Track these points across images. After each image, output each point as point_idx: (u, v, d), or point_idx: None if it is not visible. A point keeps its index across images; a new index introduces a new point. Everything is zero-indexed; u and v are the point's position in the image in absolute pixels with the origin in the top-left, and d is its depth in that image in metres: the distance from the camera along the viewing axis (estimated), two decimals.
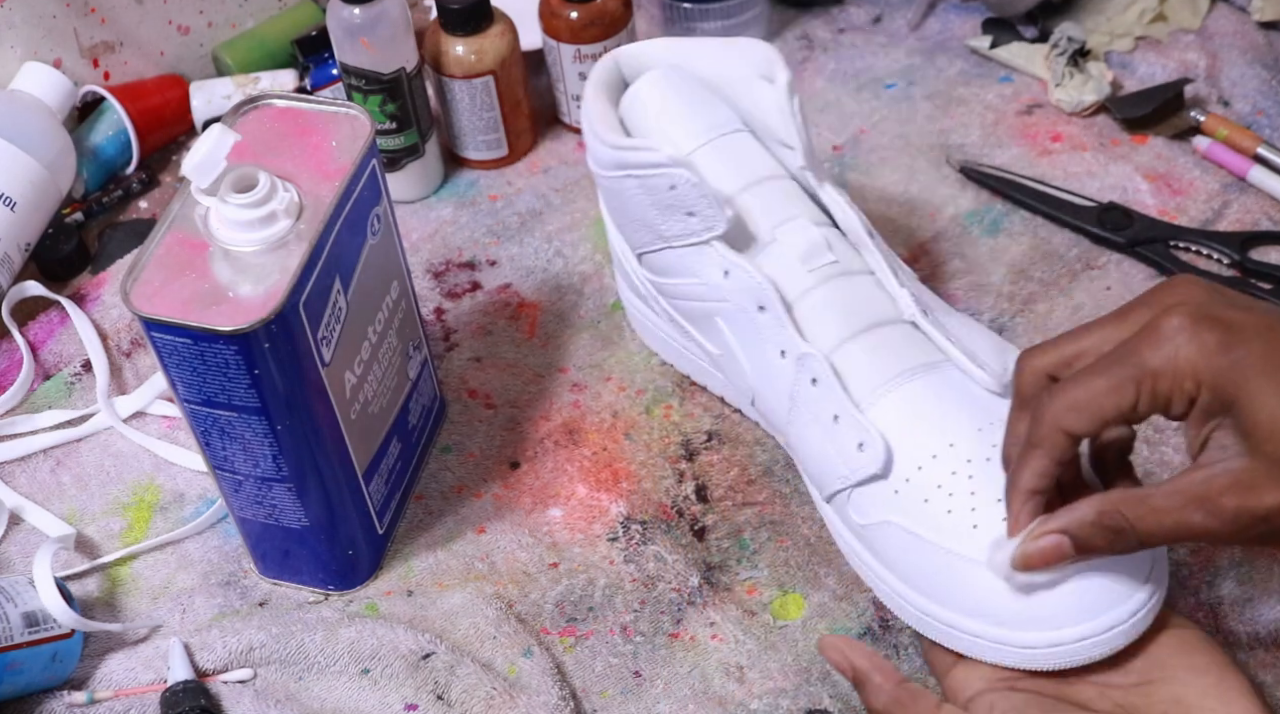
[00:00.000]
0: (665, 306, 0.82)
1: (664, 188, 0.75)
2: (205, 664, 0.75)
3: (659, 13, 1.05)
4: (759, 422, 0.81)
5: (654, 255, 0.80)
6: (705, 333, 0.79)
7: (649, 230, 0.78)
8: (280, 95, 0.75)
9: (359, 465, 0.76)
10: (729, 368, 0.79)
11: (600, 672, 0.76)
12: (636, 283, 0.84)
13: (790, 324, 0.73)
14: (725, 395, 0.84)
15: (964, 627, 0.67)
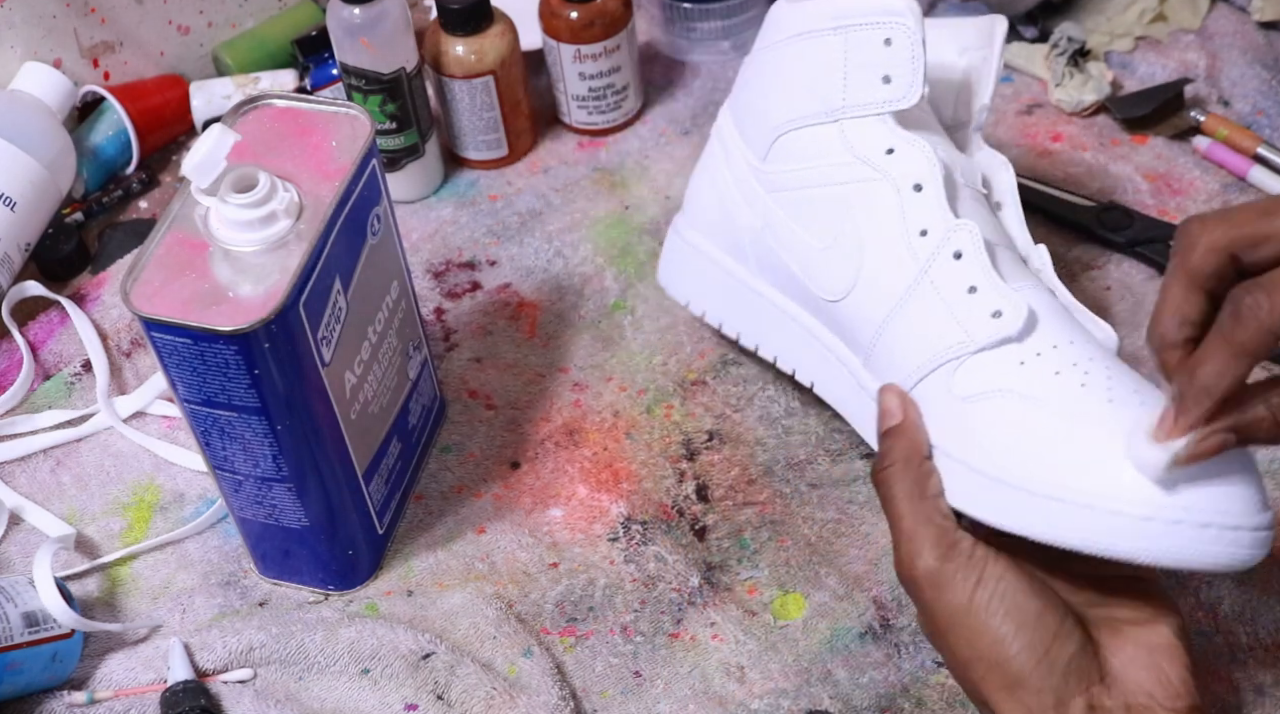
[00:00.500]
0: (766, 205, 0.77)
1: (876, 42, 0.72)
2: (205, 664, 0.75)
3: (659, 13, 1.05)
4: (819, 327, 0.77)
5: (798, 134, 0.76)
6: (813, 222, 0.75)
7: (817, 99, 0.74)
8: (280, 95, 0.75)
9: (359, 465, 0.76)
10: (822, 264, 0.75)
11: (600, 672, 0.76)
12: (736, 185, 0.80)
13: (947, 202, 0.71)
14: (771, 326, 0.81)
15: (1074, 493, 0.63)
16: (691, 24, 1.04)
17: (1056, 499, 0.63)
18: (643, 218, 0.97)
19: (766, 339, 0.81)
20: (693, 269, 0.84)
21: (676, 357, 0.89)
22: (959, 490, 0.67)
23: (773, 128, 0.77)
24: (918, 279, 0.70)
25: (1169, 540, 0.61)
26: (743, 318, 0.82)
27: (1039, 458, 0.64)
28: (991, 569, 0.64)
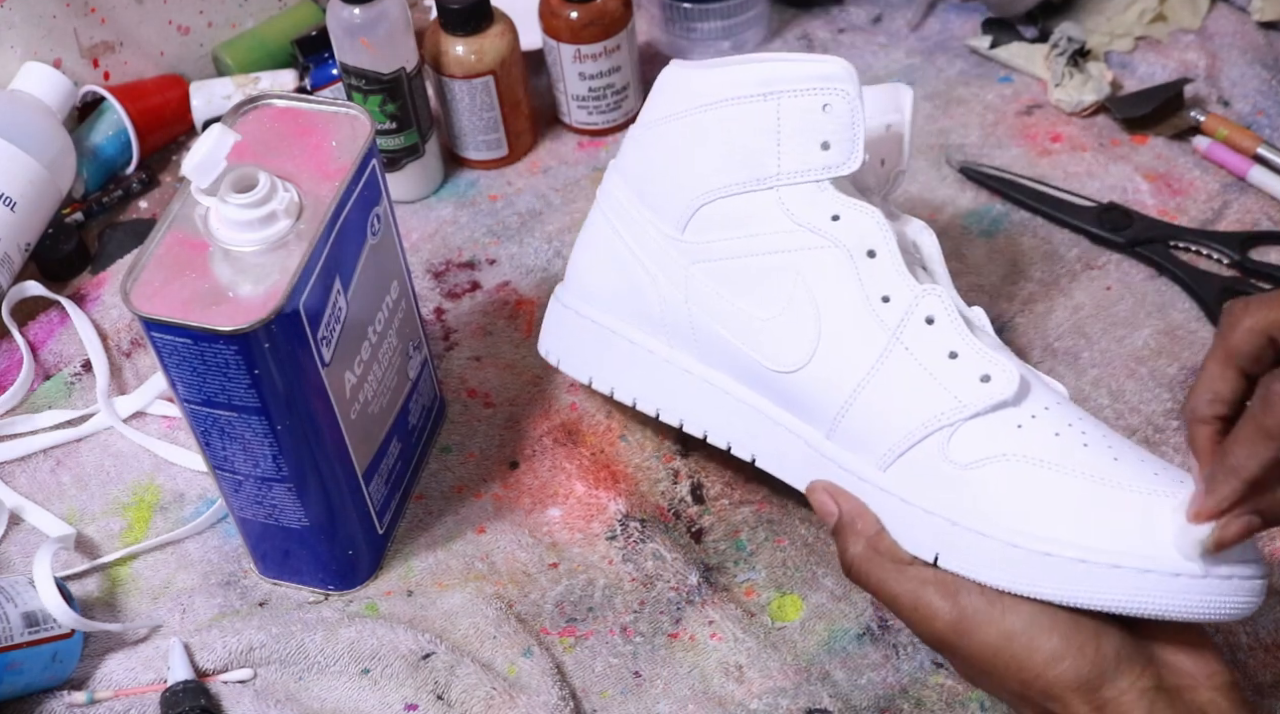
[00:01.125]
0: (688, 277, 0.74)
1: (813, 109, 0.70)
2: (205, 664, 0.75)
3: (659, 13, 1.05)
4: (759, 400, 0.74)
5: (726, 203, 0.73)
6: (755, 292, 0.73)
7: (747, 167, 0.72)
8: (280, 95, 0.75)
9: (359, 465, 0.76)
10: (769, 335, 0.72)
11: (600, 672, 0.76)
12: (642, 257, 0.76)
13: (904, 267, 0.70)
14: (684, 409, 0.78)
15: (1100, 554, 0.63)
16: (691, 24, 1.04)
17: (1081, 561, 0.63)
18: None
19: (692, 414, 0.77)
20: (590, 342, 0.80)
21: None
22: (971, 559, 0.66)
23: (694, 197, 0.74)
24: (889, 346, 0.69)
25: (1197, 595, 0.62)
26: (660, 393, 0.78)
27: (1059, 520, 0.64)
28: (1005, 599, 0.64)
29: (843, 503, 0.69)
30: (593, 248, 0.79)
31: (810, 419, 0.72)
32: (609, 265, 0.78)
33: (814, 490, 0.71)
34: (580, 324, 0.80)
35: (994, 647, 0.63)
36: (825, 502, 0.70)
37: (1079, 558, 0.63)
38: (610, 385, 0.79)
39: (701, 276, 0.74)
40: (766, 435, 0.74)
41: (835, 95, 0.70)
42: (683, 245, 0.75)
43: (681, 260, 0.75)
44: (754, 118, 0.72)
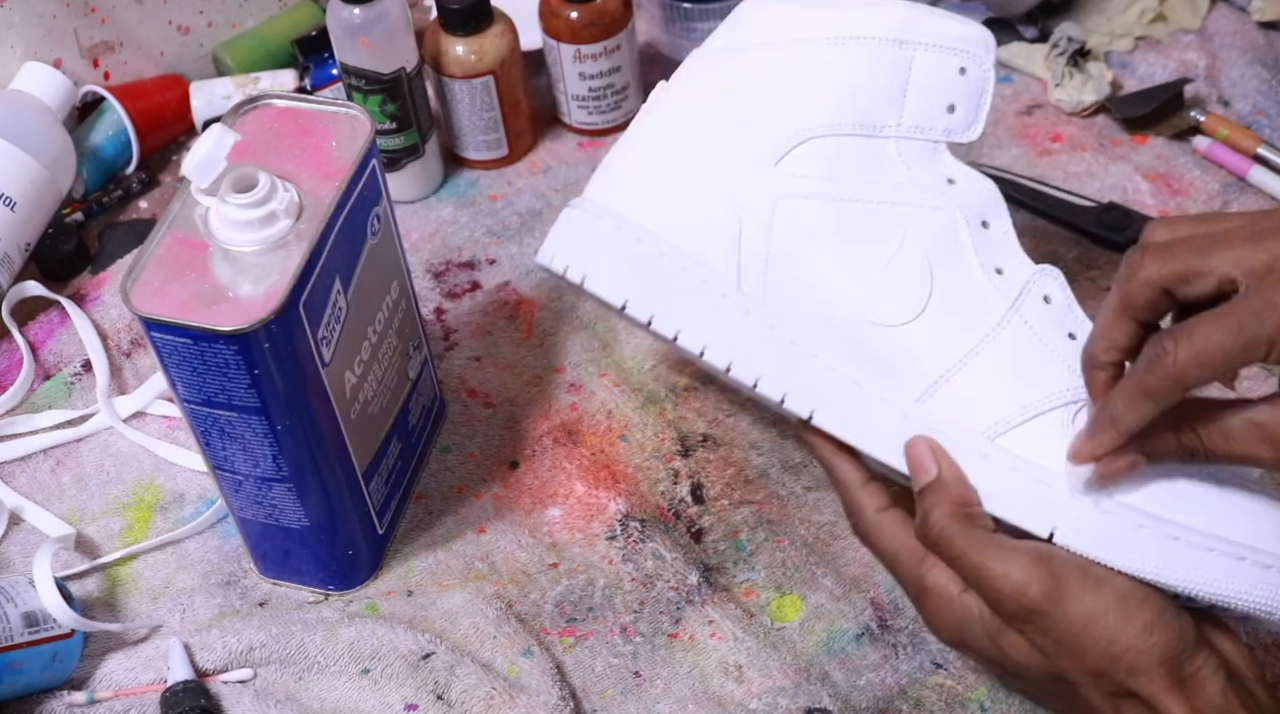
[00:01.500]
0: (774, 213, 0.69)
1: (950, 68, 0.68)
2: (205, 664, 0.75)
3: (659, 13, 1.05)
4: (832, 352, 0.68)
5: (833, 143, 0.69)
6: (860, 238, 0.68)
7: (860, 110, 0.68)
8: (280, 95, 0.75)
9: (359, 465, 0.76)
10: (876, 284, 0.68)
11: (600, 672, 0.76)
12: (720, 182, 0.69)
13: (1018, 242, 0.67)
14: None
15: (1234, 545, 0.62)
16: (691, 24, 1.04)
17: (1205, 549, 0.62)
18: None
19: (746, 357, 0.69)
20: (628, 257, 0.70)
21: (668, 362, 0.89)
22: (1092, 537, 0.63)
23: (797, 130, 0.69)
24: (1006, 317, 0.67)
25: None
26: (711, 329, 0.70)
27: (1193, 507, 0.63)
28: (1097, 569, 0.63)
29: (944, 465, 0.65)
30: (648, 167, 0.71)
31: (901, 379, 0.67)
32: (671, 186, 0.71)
33: (916, 445, 0.66)
34: (618, 237, 0.70)
35: (1089, 616, 0.61)
36: (924, 458, 0.66)
37: (1207, 546, 0.62)
38: (650, 311, 0.70)
39: (793, 212, 0.69)
40: (836, 393, 0.68)
41: (973, 60, 0.68)
42: (775, 178, 0.69)
43: (770, 192, 0.69)
44: (884, 62, 0.68)
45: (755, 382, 0.69)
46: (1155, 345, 0.59)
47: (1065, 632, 0.62)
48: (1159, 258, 0.60)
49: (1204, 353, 0.58)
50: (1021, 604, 0.62)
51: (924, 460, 0.66)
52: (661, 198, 0.70)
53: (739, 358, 0.69)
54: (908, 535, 0.66)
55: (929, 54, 0.68)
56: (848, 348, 0.68)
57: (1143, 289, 0.60)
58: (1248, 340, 0.57)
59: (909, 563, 0.66)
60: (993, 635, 0.64)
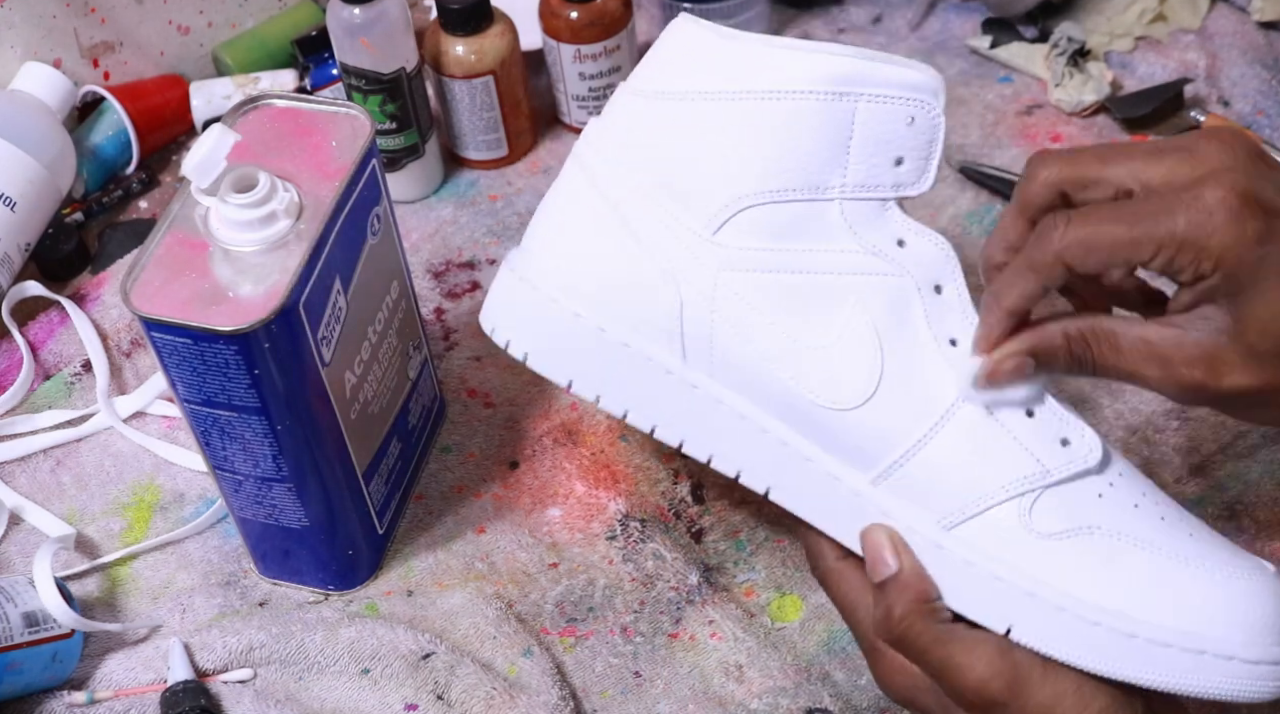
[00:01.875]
0: (716, 285, 0.65)
1: (898, 119, 0.63)
2: (205, 664, 0.75)
3: (659, 13, 1.05)
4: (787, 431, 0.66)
5: (775, 209, 0.64)
6: (802, 314, 0.64)
7: (804, 172, 0.63)
8: (280, 95, 0.75)
9: (359, 465, 0.76)
10: (820, 365, 0.64)
11: (600, 672, 0.76)
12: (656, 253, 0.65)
13: (973, 307, 0.63)
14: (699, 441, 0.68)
15: (1186, 638, 0.61)
16: None
17: (1163, 644, 0.61)
18: None
19: (697, 435, 0.67)
20: (568, 335, 0.67)
21: None
22: (1048, 633, 0.61)
23: (735, 197, 0.64)
24: (964, 396, 0.63)
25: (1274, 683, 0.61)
26: (660, 407, 0.67)
27: (1149, 602, 0.61)
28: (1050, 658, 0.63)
29: (905, 559, 0.63)
30: (581, 231, 0.67)
31: (853, 461, 0.64)
32: (606, 256, 0.66)
33: (874, 535, 0.63)
34: (555, 311, 0.67)
35: (1047, 705, 0.61)
36: (884, 550, 0.63)
37: (1162, 640, 0.60)
38: (596, 391, 0.67)
39: (734, 286, 0.64)
40: (789, 468, 0.66)
41: (920, 109, 0.63)
42: (713, 249, 0.64)
43: (710, 264, 0.64)
44: (824, 118, 0.63)
45: (709, 458, 0.67)
46: (1046, 222, 0.60)
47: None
48: (1059, 162, 0.61)
49: (1092, 236, 0.58)
50: (984, 697, 0.62)
51: (883, 553, 0.63)
52: (598, 269, 0.66)
53: (689, 435, 0.67)
54: (863, 591, 0.65)
55: (872, 105, 0.63)
56: (797, 424, 0.65)
57: (1041, 190, 0.61)
58: (1136, 236, 0.57)
59: (863, 621, 0.65)
60: (947, 710, 0.64)
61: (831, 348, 0.64)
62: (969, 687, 0.62)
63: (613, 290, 0.66)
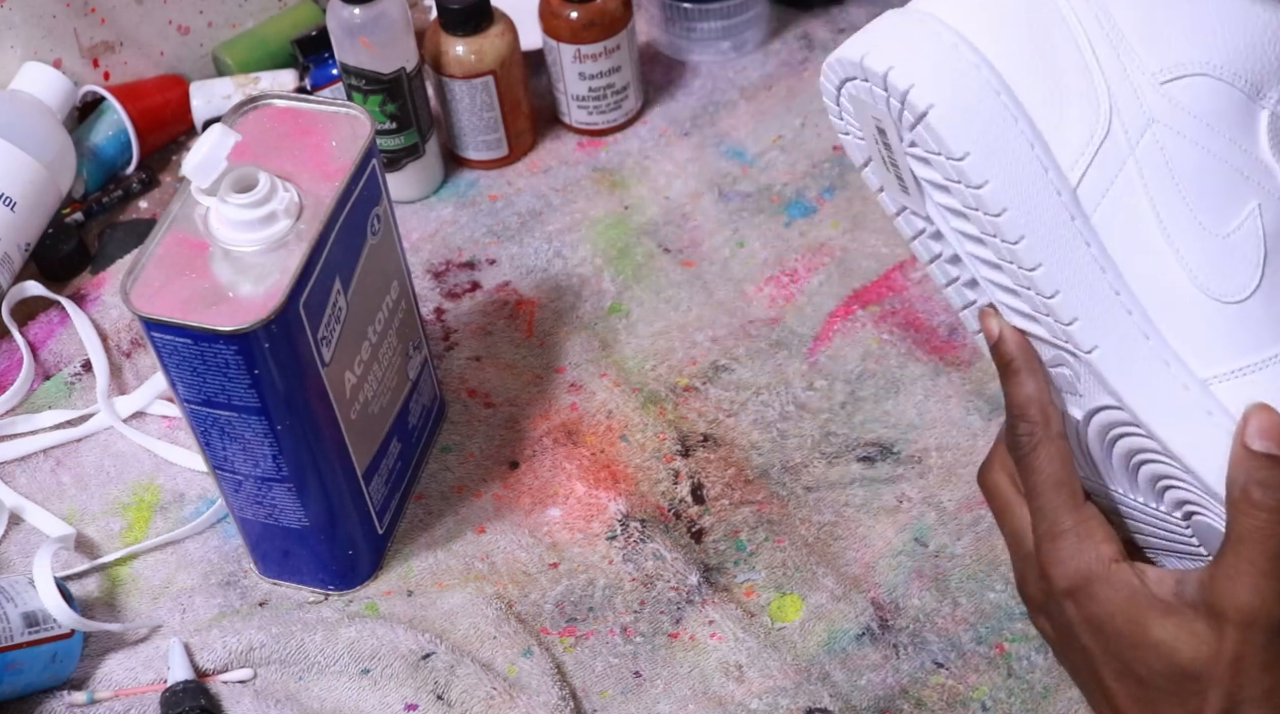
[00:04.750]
0: (1143, 129, 0.63)
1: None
2: (205, 664, 0.76)
3: (659, 13, 1.05)
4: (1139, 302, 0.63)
5: (1221, 88, 0.63)
6: (1203, 195, 0.63)
7: (1255, 66, 0.63)
8: (280, 95, 0.75)
9: (359, 465, 0.76)
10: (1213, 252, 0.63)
11: (600, 672, 0.76)
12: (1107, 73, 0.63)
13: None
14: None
15: None
16: (691, 24, 1.04)
17: None
18: (642, 218, 0.97)
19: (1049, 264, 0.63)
20: (981, 110, 0.62)
21: (668, 362, 0.89)
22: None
23: (1196, 60, 0.62)
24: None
25: None
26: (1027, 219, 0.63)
27: None
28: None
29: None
30: (1030, 19, 0.63)
31: (1195, 351, 0.62)
32: (1054, 52, 0.63)
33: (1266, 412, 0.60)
34: (976, 78, 0.62)
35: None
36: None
37: None
38: (985, 177, 0.63)
39: (1162, 142, 0.63)
40: (1125, 337, 0.63)
41: None
42: (1159, 99, 0.63)
43: (1150, 109, 0.63)
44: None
45: (1054, 292, 0.63)
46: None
47: (1261, 657, 0.59)
48: None
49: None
50: (1265, 614, 0.59)
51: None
52: (1038, 58, 0.63)
53: (1050, 264, 0.63)
54: (1072, 474, 0.64)
55: None
56: (1156, 298, 0.63)
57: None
58: None
59: (1067, 501, 0.63)
60: (1139, 611, 0.61)
61: (1229, 238, 0.62)
62: (1264, 591, 0.59)
63: (1041, 86, 0.62)
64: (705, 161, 1.00)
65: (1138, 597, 0.61)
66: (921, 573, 0.79)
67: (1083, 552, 0.62)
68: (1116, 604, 0.62)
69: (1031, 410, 0.64)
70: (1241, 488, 0.60)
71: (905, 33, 0.62)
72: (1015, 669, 0.75)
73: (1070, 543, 0.63)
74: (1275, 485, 0.59)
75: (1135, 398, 0.63)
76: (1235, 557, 0.60)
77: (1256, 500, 0.59)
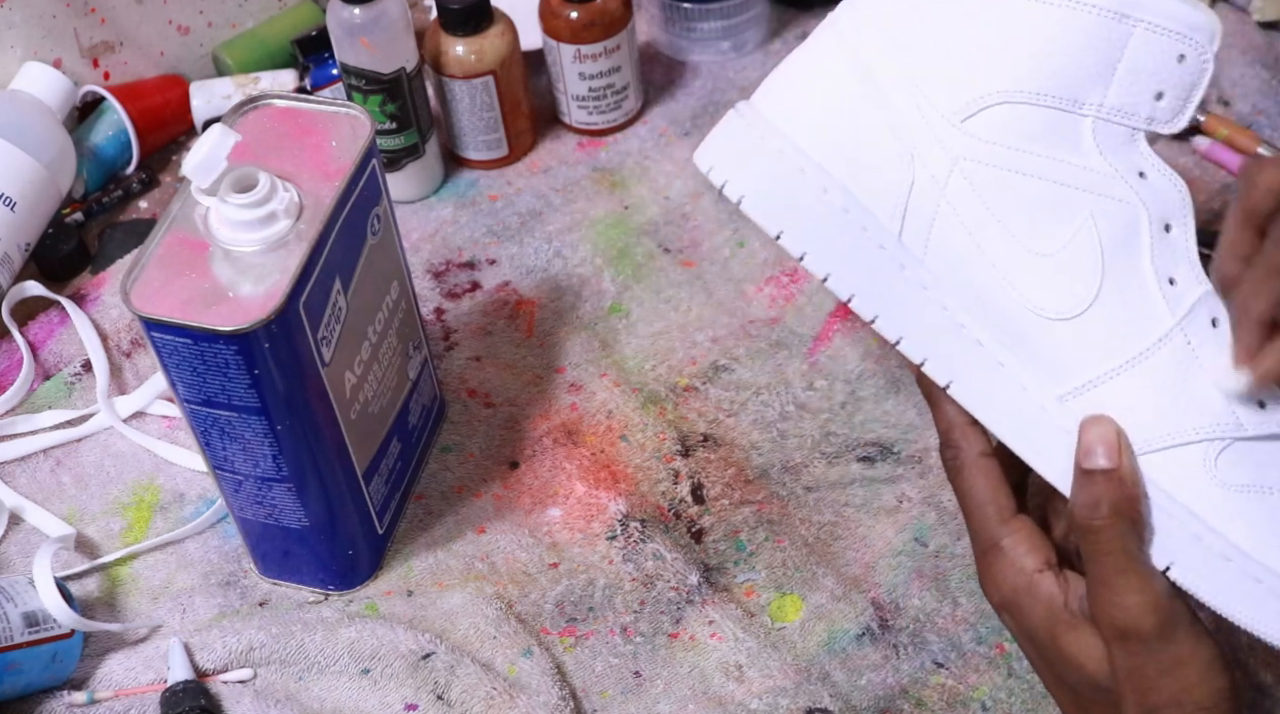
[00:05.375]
0: (953, 173, 0.64)
1: (1168, 54, 0.63)
2: (205, 664, 0.75)
3: (659, 13, 1.05)
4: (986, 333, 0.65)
5: (1025, 110, 0.64)
6: (1031, 219, 0.64)
7: (1064, 83, 0.63)
8: (280, 95, 0.75)
9: (359, 465, 0.76)
10: (1042, 273, 0.64)
11: (600, 672, 0.76)
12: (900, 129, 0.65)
13: (1197, 254, 0.63)
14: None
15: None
16: (691, 24, 1.04)
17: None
18: (642, 218, 0.97)
19: (893, 314, 0.66)
20: (790, 187, 0.66)
21: (668, 362, 0.89)
22: (1207, 579, 0.61)
23: (991, 91, 0.64)
24: (1171, 333, 0.63)
25: None
26: (864, 278, 0.66)
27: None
28: (1200, 622, 0.62)
29: (1128, 460, 0.61)
30: (825, 90, 0.66)
31: (1047, 371, 0.64)
32: (848, 119, 0.66)
33: (1104, 427, 0.62)
34: (782, 162, 0.66)
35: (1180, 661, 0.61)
36: (1110, 444, 0.61)
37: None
38: (804, 248, 0.66)
39: (970, 177, 0.64)
40: (977, 368, 0.65)
41: (1192, 48, 0.63)
42: (959, 136, 0.64)
43: (952, 150, 0.64)
44: (1097, 33, 0.63)
45: (898, 339, 0.66)
46: (1274, 227, 0.59)
47: (1153, 666, 0.61)
48: (1275, 166, 0.60)
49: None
50: (1131, 625, 0.60)
51: (1109, 446, 0.62)
52: (836, 129, 0.66)
53: (886, 313, 0.66)
54: (998, 490, 0.65)
55: (1148, 34, 0.63)
56: (999, 326, 0.65)
57: (1265, 197, 0.60)
58: None
59: (992, 518, 0.64)
60: (1053, 624, 0.62)
61: (1054, 257, 0.64)
62: (1130, 611, 0.60)
63: (846, 154, 0.66)
64: None
65: (1054, 610, 0.63)
66: (922, 573, 0.79)
67: (1009, 566, 0.63)
68: (1038, 617, 0.63)
69: (954, 434, 0.66)
70: (1073, 510, 0.61)
71: (725, 131, 0.67)
72: (1015, 669, 0.75)
73: (998, 558, 0.64)
74: (1095, 504, 0.60)
75: (1001, 426, 0.65)
76: (1091, 579, 0.61)
77: (1083, 521, 0.61)
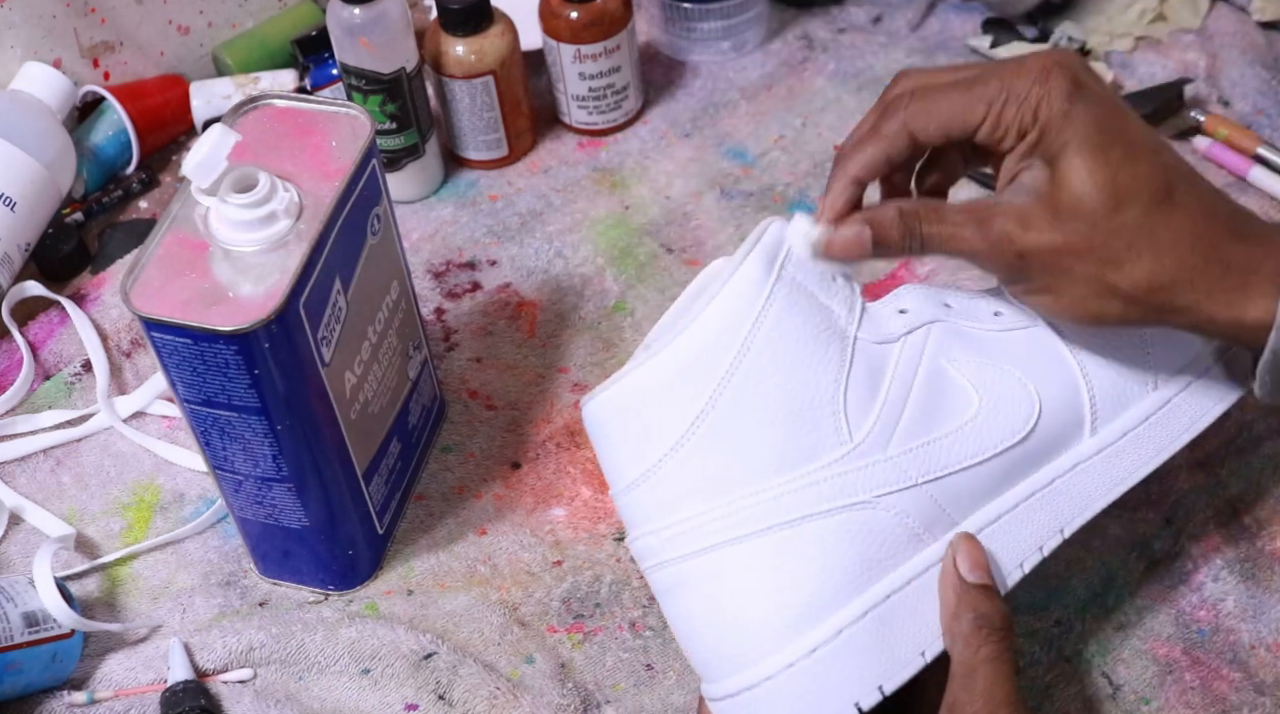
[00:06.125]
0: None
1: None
2: (205, 664, 0.75)
3: (659, 13, 1.05)
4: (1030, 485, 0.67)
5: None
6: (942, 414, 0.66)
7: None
8: (280, 95, 0.75)
9: (359, 465, 0.76)
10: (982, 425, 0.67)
11: (611, 666, 0.76)
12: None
13: None
14: None
15: None
16: (691, 24, 1.04)
17: None
18: (643, 218, 0.97)
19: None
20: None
21: None
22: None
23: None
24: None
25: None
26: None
27: None
28: None
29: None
30: None
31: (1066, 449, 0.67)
32: None
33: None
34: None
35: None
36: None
37: None
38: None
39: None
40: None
41: None
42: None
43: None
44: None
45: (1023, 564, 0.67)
46: (892, 98, 0.64)
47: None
48: (919, 72, 0.65)
49: (932, 103, 0.63)
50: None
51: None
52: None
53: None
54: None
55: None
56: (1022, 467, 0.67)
57: (898, 91, 0.65)
58: (970, 99, 0.62)
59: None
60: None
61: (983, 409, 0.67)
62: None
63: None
64: (706, 162, 1.00)
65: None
66: None
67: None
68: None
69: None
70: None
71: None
72: (1016, 668, 0.75)
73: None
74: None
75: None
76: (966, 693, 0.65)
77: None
